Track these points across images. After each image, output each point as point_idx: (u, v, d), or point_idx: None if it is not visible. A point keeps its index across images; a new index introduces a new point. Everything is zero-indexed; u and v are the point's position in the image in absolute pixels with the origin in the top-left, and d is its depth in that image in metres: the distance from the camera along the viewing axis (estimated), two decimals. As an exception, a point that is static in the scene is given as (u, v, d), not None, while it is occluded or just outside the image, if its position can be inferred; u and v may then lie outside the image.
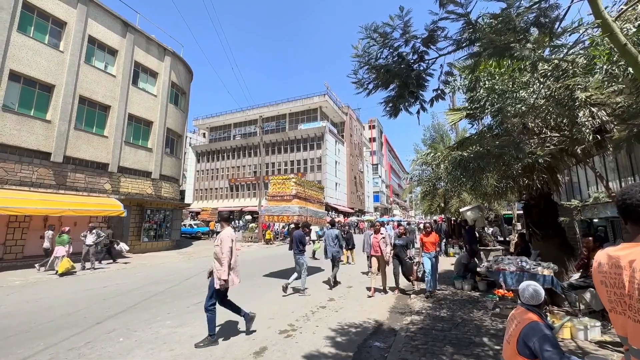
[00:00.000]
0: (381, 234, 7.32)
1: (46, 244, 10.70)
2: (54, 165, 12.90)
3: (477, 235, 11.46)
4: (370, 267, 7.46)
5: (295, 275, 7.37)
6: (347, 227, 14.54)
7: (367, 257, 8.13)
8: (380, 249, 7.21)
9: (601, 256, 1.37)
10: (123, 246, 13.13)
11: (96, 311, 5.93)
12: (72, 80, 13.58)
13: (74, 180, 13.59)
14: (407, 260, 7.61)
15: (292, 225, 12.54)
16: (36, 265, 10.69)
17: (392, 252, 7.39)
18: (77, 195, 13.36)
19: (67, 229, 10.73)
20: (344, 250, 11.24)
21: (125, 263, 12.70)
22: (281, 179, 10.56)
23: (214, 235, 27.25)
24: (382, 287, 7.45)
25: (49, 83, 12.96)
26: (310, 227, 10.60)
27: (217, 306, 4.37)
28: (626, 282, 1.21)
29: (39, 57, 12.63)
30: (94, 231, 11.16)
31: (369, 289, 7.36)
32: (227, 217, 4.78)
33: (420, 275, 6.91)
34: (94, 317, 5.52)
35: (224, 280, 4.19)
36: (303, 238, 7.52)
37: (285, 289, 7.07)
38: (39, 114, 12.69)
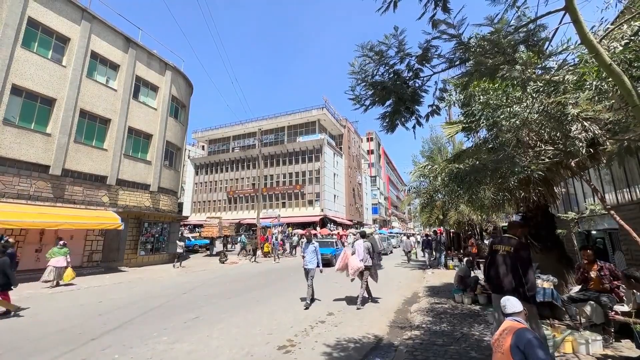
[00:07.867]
0: None
1: (179, 250, 16.04)
2: (52, 178, 12.89)
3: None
4: None
5: None
6: None
7: None
8: None
9: None
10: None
11: (91, 327, 5.82)
12: (73, 94, 13.74)
13: (72, 193, 13.55)
14: None
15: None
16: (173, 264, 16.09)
17: None
18: (75, 208, 13.29)
19: (62, 242, 10.62)
20: None
21: (121, 275, 12.50)
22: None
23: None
24: None
25: (50, 97, 13.10)
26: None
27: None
28: None
29: (41, 71, 12.82)
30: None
31: None
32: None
33: None
34: (89, 333, 5.41)
35: None
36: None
37: None
38: (39, 127, 12.77)
